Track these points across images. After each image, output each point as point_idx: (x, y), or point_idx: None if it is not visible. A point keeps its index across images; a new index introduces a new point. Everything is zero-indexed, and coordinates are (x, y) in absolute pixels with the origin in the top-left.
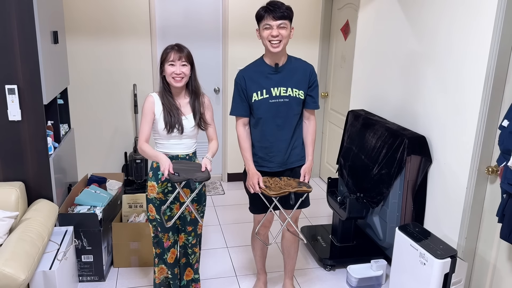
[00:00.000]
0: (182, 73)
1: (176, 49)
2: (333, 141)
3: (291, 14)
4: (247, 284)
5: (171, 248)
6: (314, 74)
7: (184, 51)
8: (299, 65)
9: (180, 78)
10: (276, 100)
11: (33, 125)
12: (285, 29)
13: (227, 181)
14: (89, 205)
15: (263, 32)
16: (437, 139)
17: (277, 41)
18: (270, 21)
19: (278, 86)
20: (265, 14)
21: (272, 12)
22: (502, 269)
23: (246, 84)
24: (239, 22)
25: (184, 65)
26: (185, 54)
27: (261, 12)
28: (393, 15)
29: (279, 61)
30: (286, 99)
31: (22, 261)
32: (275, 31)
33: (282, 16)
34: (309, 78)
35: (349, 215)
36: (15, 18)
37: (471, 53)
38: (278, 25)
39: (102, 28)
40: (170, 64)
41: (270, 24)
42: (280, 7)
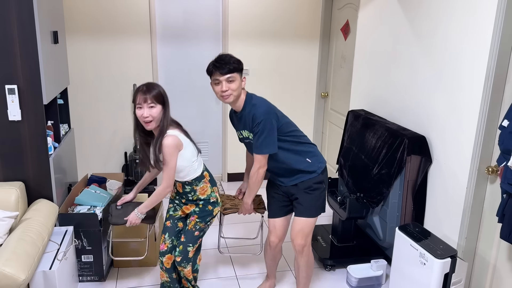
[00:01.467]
0: (150, 116)
1: (143, 91)
2: (333, 141)
3: (240, 66)
4: (247, 284)
5: (166, 254)
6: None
7: (150, 92)
8: (249, 111)
9: (149, 121)
10: (247, 140)
11: (33, 125)
12: (233, 82)
13: (227, 181)
14: (89, 205)
15: (214, 86)
16: (437, 139)
17: (227, 95)
18: (218, 76)
19: (242, 129)
20: (213, 69)
21: (219, 69)
22: (502, 269)
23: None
24: (239, 22)
25: (152, 107)
26: (151, 95)
27: (210, 67)
28: (393, 15)
29: (236, 109)
30: (250, 140)
31: (22, 261)
32: (224, 86)
33: (229, 70)
34: (252, 124)
35: (349, 215)
36: (15, 18)
37: (471, 53)
38: (226, 79)
39: (102, 28)
40: (138, 107)
41: (218, 79)
42: (228, 62)
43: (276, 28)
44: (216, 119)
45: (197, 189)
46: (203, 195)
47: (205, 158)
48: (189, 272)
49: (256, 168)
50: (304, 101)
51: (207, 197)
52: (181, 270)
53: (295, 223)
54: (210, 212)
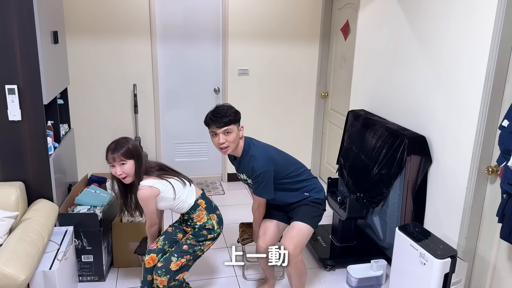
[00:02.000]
0: (123, 173)
1: (111, 149)
2: (333, 141)
3: (237, 117)
4: (247, 284)
5: (152, 253)
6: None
7: (118, 150)
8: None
9: (123, 177)
10: (244, 181)
11: (33, 125)
12: (231, 134)
13: (227, 181)
14: (89, 205)
15: (212, 137)
16: (437, 139)
17: (224, 147)
18: (215, 129)
19: (242, 172)
20: (210, 122)
21: (215, 122)
22: (502, 269)
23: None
24: (239, 22)
25: (124, 163)
26: (120, 153)
27: (207, 120)
28: (393, 15)
29: (235, 155)
30: (249, 183)
31: (22, 261)
32: (221, 139)
33: (226, 123)
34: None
35: (349, 215)
36: (15, 18)
37: (471, 53)
38: (223, 131)
39: (102, 28)
40: (110, 166)
41: (215, 132)
42: (224, 115)
43: (276, 28)
44: None
45: (193, 216)
46: (200, 222)
47: (205, 158)
48: (162, 282)
49: (255, 206)
50: (304, 101)
51: (203, 223)
52: (156, 278)
53: (288, 230)
54: (204, 236)
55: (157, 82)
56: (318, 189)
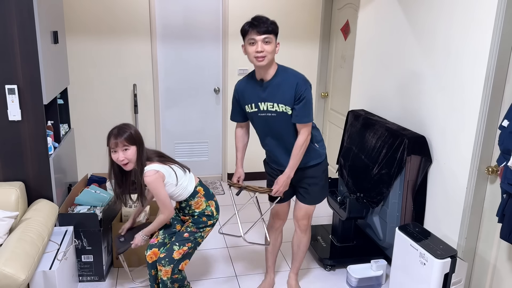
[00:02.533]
0: (125, 159)
1: (115, 134)
2: (333, 141)
3: (276, 29)
4: (247, 284)
5: (153, 247)
6: (302, 87)
7: (122, 135)
8: (286, 79)
9: (125, 163)
10: (264, 114)
11: (33, 125)
12: (269, 44)
13: (227, 181)
14: (89, 205)
15: (248, 47)
16: (437, 139)
17: (261, 56)
18: (254, 35)
19: (265, 101)
20: (250, 29)
21: (256, 27)
22: (502, 269)
23: (239, 96)
24: (239, 22)
25: (127, 149)
26: (123, 138)
27: (245, 27)
28: (393, 15)
29: (265, 76)
30: (273, 114)
31: (22, 261)
32: (259, 47)
33: (267, 31)
34: (295, 91)
35: (349, 215)
36: (15, 18)
37: (471, 53)
38: (263, 39)
39: (102, 28)
40: (113, 152)
41: (254, 39)
42: (265, 22)
43: None
44: (216, 119)
45: (192, 203)
46: (198, 209)
47: (205, 158)
48: (166, 272)
49: (304, 137)
50: None
51: (202, 210)
52: (160, 268)
53: (300, 208)
54: (204, 222)
55: (157, 82)
56: (322, 143)
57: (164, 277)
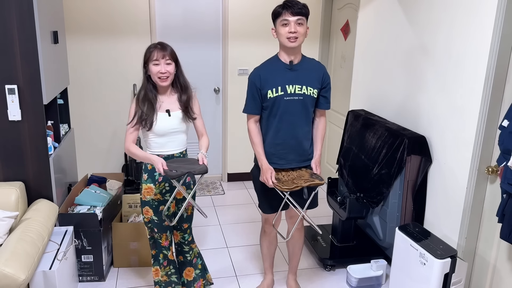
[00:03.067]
0: (167, 72)
1: (159, 48)
2: (333, 141)
3: (308, 11)
4: (247, 284)
5: (169, 247)
6: (328, 75)
7: (167, 49)
8: (313, 65)
9: (166, 77)
10: (291, 97)
11: (33, 125)
12: (302, 25)
13: (227, 181)
14: (89, 205)
15: (280, 28)
16: (437, 139)
17: (294, 37)
18: (288, 16)
19: (293, 83)
20: (283, 10)
21: (290, 8)
22: (502, 269)
23: (261, 82)
24: (239, 22)
25: (169, 63)
26: (168, 52)
27: (278, 9)
28: (393, 15)
29: (294, 58)
30: (300, 97)
31: (22, 261)
32: (292, 27)
33: (300, 12)
34: (323, 78)
35: (349, 215)
36: (15, 18)
37: (471, 53)
38: (296, 21)
39: (102, 28)
40: (155, 63)
41: (288, 20)
42: (297, 3)
43: None
44: (216, 119)
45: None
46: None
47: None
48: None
49: (325, 122)
50: None
51: None
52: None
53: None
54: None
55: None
56: None
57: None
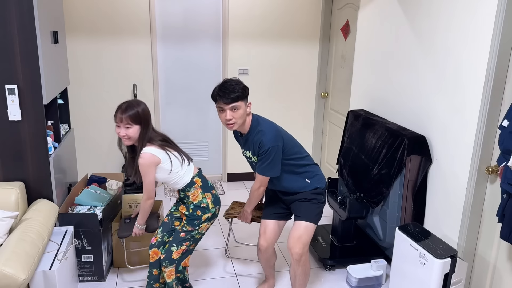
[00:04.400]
0: (126, 135)
1: (121, 110)
2: (333, 141)
3: (245, 93)
4: (247, 284)
5: (154, 247)
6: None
7: (127, 112)
8: (254, 136)
9: (126, 139)
10: (248, 159)
11: (33, 125)
12: (238, 110)
13: (227, 181)
14: (89, 205)
15: (219, 113)
16: (437, 139)
17: (231, 123)
18: (222, 105)
19: (247, 149)
20: (217, 98)
21: (223, 98)
22: (502, 269)
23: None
24: (239, 22)
25: (128, 127)
26: (126, 116)
27: (214, 94)
28: (393, 15)
29: (242, 131)
30: (253, 161)
31: (22, 261)
32: (228, 115)
33: (233, 100)
34: (258, 149)
35: (349, 215)
36: (15, 18)
37: (471, 53)
38: (230, 108)
39: (102, 28)
40: (116, 125)
41: (222, 108)
42: (232, 90)
43: (276, 28)
44: (216, 119)
45: (189, 194)
46: (195, 201)
47: (205, 158)
48: (170, 273)
49: (257, 186)
50: (304, 101)
51: (198, 202)
52: (163, 270)
53: (294, 230)
54: (199, 217)
55: (157, 82)
56: (319, 177)
57: (168, 279)
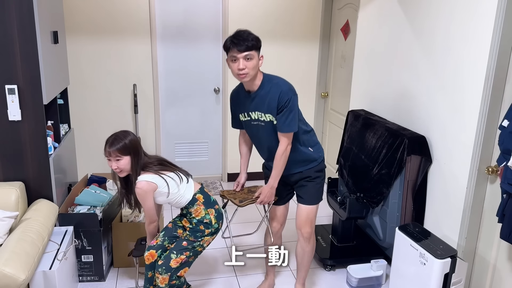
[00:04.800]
0: (118, 168)
1: (109, 144)
2: (333, 141)
3: (258, 43)
4: (247, 284)
5: (152, 249)
6: (284, 98)
7: (114, 145)
8: (268, 90)
9: (119, 171)
10: (256, 122)
11: (33, 125)
12: (251, 60)
13: (227, 181)
14: (89, 205)
15: (230, 63)
16: (437, 139)
17: (243, 73)
18: (235, 53)
19: (254, 110)
20: (231, 46)
21: (237, 46)
22: (502, 269)
23: (234, 104)
24: (239, 22)
25: (118, 160)
26: (114, 149)
27: (227, 43)
28: (393, 15)
29: (251, 88)
30: (262, 123)
31: (22, 261)
32: (241, 64)
33: (247, 48)
34: (278, 102)
35: (349, 215)
36: (15, 18)
37: (471, 53)
38: (244, 57)
39: (102, 28)
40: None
41: (235, 56)
42: (246, 38)
43: (276, 28)
44: (216, 119)
45: (192, 211)
46: (198, 217)
47: (205, 158)
48: (163, 279)
49: (284, 147)
50: (304, 101)
51: (201, 218)
52: (157, 276)
53: (300, 212)
54: (202, 231)
55: (157, 82)
56: (319, 146)
57: (161, 284)
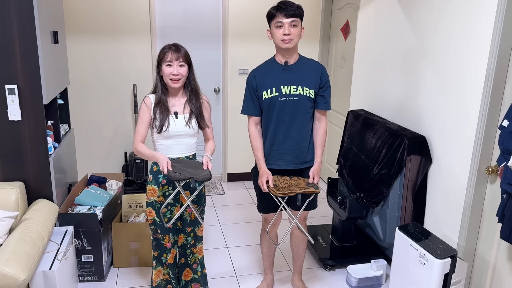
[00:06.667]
0: (180, 74)
1: (174, 49)
2: (333, 141)
3: (302, 12)
4: (247, 284)
5: (171, 249)
6: (326, 74)
7: (181, 51)
8: (310, 65)
9: (178, 79)
10: (286, 98)
11: (33, 125)
12: (296, 27)
13: (227, 181)
14: (89, 205)
15: (275, 30)
16: (437, 139)
17: (288, 39)
18: (281, 18)
19: (288, 84)
20: (277, 12)
21: (284, 10)
22: (502, 269)
23: (257, 82)
24: (239, 22)
25: (182, 65)
26: (182, 54)
27: (272, 11)
28: (393, 15)
29: (289, 59)
30: (296, 98)
31: (22, 261)
32: (286, 29)
33: (294, 14)
34: (321, 78)
35: (349, 215)
36: (15, 18)
37: (471, 53)
38: (290, 22)
39: (102, 28)
40: (168, 64)
41: (281, 22)
42: (291, 5)
43: None
44: (216, 119)
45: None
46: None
47: None
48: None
49: (326, 124)
50: None
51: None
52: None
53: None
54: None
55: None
56: None
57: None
